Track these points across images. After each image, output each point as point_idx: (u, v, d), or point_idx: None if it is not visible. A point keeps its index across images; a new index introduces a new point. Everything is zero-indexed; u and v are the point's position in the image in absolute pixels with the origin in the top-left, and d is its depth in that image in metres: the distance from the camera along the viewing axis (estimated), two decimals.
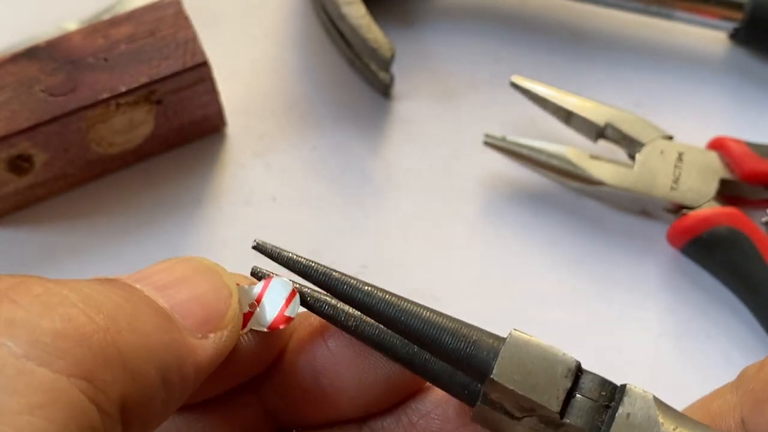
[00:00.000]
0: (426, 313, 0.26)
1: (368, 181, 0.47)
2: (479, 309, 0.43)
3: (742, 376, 0.27)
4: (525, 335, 0.25)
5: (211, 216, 0.45)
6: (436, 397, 0.28)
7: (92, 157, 0.44)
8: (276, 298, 0.28)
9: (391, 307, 0.26)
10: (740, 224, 0.42)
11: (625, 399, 0.24)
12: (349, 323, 0.27)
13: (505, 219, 0.46)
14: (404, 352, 0.27)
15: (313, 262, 0.28)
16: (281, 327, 0.27)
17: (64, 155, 0.43)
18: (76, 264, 0.44)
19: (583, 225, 0.46)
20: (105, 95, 0.41)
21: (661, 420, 0.23)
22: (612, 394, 0.24)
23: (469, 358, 0.25)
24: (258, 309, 0.28)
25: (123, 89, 0.41)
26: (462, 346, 0.25)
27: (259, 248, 0.29)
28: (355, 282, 0.27)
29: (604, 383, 0.24)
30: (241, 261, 0.46)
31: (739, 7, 0.48)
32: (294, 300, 0.28)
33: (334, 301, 0.28)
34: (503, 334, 0.26)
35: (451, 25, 0.52)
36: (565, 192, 0.47)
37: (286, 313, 0.28)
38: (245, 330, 0.27)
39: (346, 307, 0.27)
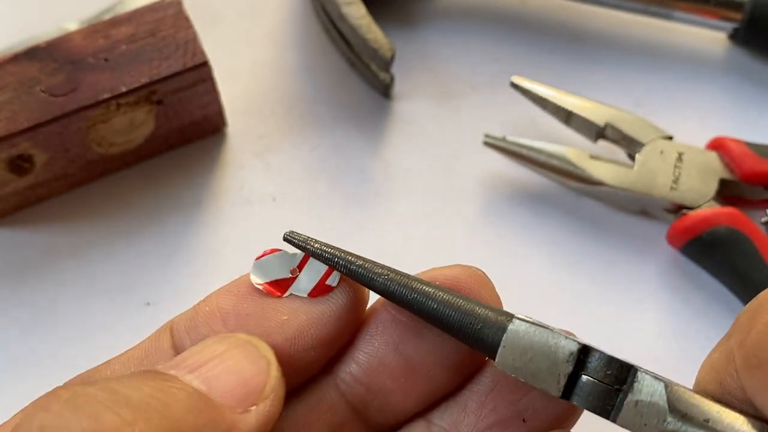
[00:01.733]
0: (440, 294, 0.27)
1: (368, 181, 0.47)
2: None
3: (735, 324, 0.27)
4: (527, 322, 0.26)
5: (211, 216, 0.46)
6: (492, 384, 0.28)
7: (93, 158, 0.44)
8: (317, 267, 0.29)
9: (408, 291, 0.27)
10: (740, 224, 0.42)
11: (635, 386, 0.24)
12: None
13: (505, 219, 0.46)
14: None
15: (336, 252, 0.29)
16: (322, 295, 0.28)
17: (64, 155, 0.43)
18: (76, 264, 0.44)
19: (583, 225, 0.46)
20: (105, 95, 0.41)
21: (669, 413, 0.24)
22: (622, 375, 0.24)
23: (478, 340, 0.26)
24: (299, 275, 0.29)
25: (123, 89, 0.41)
26: (471, 325, 0.26)
27: (289, 240, 0.29)
28: (375, 270, 0.28)
29: (611, 362, 0.25)
30: (242, 261, 0.47)
31: (738, 7, 0.48)
32: (333, 273, 0.29)
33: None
34: None
35: (451, 25, 0.52)
36: (565, 192, 0.47)
37: (327, 282, 0.29)
38: (285, 295, 0.28)
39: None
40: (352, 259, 0.28)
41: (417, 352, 0.28)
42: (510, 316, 0.26)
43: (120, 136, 0.44)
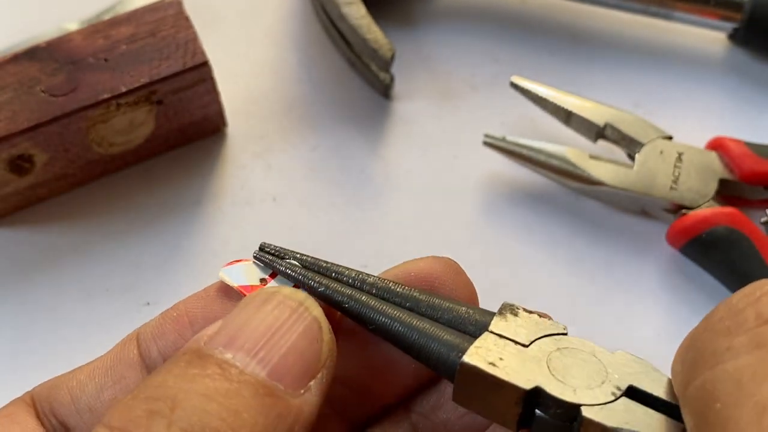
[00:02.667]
0: (404, 317, 0.27)
1: (368, 181, 0.47)
2: None
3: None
4: (475, 366, 0.25)
5: (211, 216, 0.46)
6: None
7: (93, 158, 0.44)
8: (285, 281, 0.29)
9: (372, 315, 0.27)
10: (739, 224, 0.42)
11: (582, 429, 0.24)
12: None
13: (505, 219, 0.46)
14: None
15: (302, 274, 0.28)
16: None
17: (64, 155, 0.43)
18: (77, 264, 0.44)
19: (583, 225, 0.46)
20: (105, 95, 0.41)
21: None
22: (571, 414, 0.24)
23: (438, 368, 0.26)
24: (270, 283, 0.29)
25: (123, 89, 0.41)
26: (427, 360, 0.26)
27: (258, 259, 0.29)
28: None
29: (559, 403, 0.24)
30: None
31: (738, 7, 0.48)
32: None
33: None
34: None
35: (451, 25, 0.52)
36: (564, 192, 0.47)
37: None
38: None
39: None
40: (315, 285, 0.28)
41: (386, 357, 0.28)
42: (463, 349, 0.25)
43: (120, 136, 0.44)
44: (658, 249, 0.45)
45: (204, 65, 0.43)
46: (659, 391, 0.25)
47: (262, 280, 0.28)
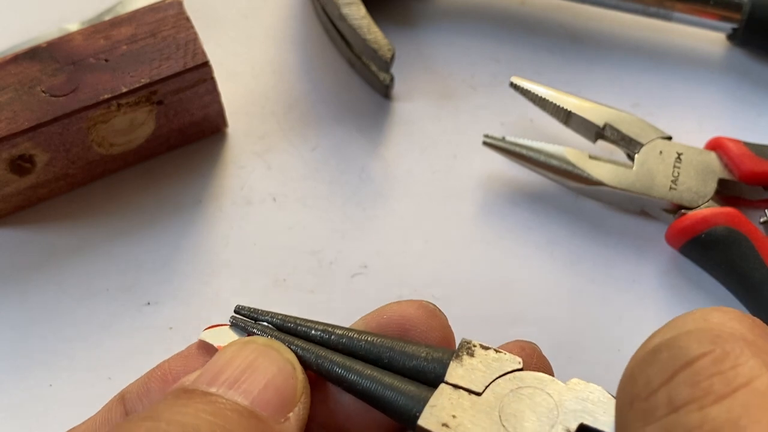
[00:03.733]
0: (367, 372, 0.28)
1: (368, 181, 0.47)
2: (479, 309, 0.44)
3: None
4: (428, 430, 0.26)
5: (211, 216, 0.46)
6: None
7: (93, 158, 0.44)
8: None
9: (343, 371, 0.29)
10: (739, 224, 0.42)
11: None
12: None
13: (504, 219, 0.46)
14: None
15: (274, 336, 0.30)
16: None
17: (65, 156, 0.43)
18: (77, 264, 0.44)
19: (582, 225, 0.46)
20: (106, 96, 0.41)
21: None
22: None
23: (401, 422, 0.27)
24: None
25: (124, 90, 0.41)
26: (393, 410, 0.27)
27: (234, 324, 0.31)
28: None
29: None
30: (242, 261, 0.47)
31: (737, 8, 0.48)
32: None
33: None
34: (502, 335, 0.26)
35: (451, 25, 0.52)
36: (564, 192, 0.47)
37: None
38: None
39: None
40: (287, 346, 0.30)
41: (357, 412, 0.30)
42: (420, 407, 0.27)
43: (120, 137, 0.44)
44: (658, 249, 0.45)
45: (204, 65, 0.43)
46: (610, 425, 0.25)
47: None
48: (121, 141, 0.44)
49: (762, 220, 0.45)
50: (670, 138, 0.45)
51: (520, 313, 0.44)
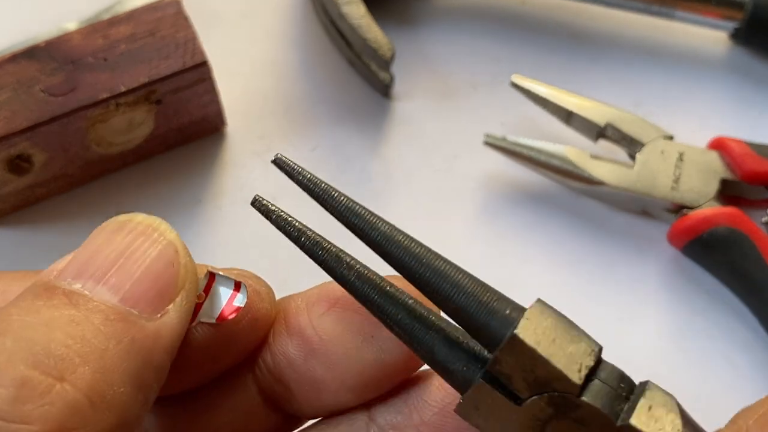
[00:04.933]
0: (445, 267, 0.25)
1: (368, 181, 0.47)
2: None
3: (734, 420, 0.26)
4: (550, 307, 0.24)
5: (211, 216, 0.45)
6: (447, 390, 0.27)
7: (92, 157, 0.44)
8: (223, 289, 0.27)
9: (409, 256, 0.26)
10: (741, 224, 0.42)
11: (648, 392, 0.23)
12: (349, 277, 0.26)
13: (505, 219, 0.46)
14: (404, 322, 0.25)
15: (333, 189, 0.27)
16: (230, 317, 0.27)
17: (63, 155, 0.43)
18: None
19: (583, 225, 0.46)
20: (105, 95, 0.41)
21: (680, 422, 0.23)
22: (631, 387, 0.24)
23: (487, 316, 0.24)
24: (206, 300, 0.27)
25: (123, 89, 0.41)
26: (479, 304, 0.24)
27: (279, 164, 0.27)
28: (373, 220, 0.26)
29: (624, 377, 0.24)
30: (242, 261, 0.46)
31: (739, 6, 0.48)
32: (241, 290, 0.28)
33: (335, 250, 0.27)
34: None
35: (451, 25, 0.52)
36: (565, 192, 0.47)
37: (235, 303, 0.27)
38: (194, 323, 0.26)
39: (348, 258, 0.27)
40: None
41: (330, 363, 0.27)
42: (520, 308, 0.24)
43: (119, 136, 0.44)
44: (659, 249, 0.45)
45: (203, 65, 0.42)
46: None
47: (199, 296, 0.27)
48: (119, 140, 0.44)
49: (764, 219, 0.44)
50: (671, 137, 0.45)
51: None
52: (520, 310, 0.24)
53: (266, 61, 0.50)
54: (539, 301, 0.24)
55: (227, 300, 0.27)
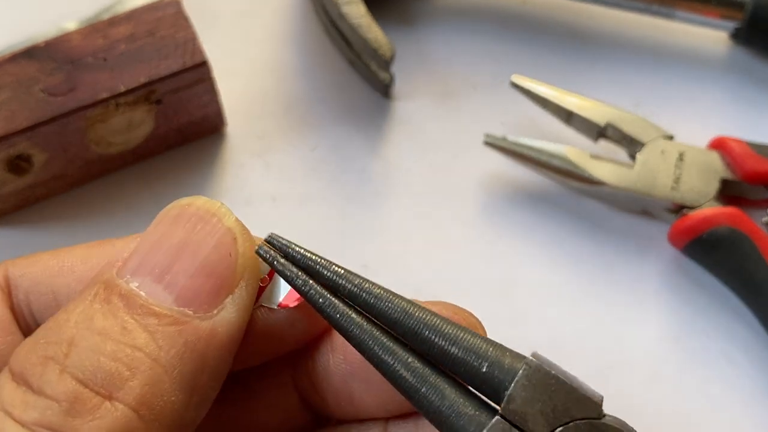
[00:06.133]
0: (443, 325, 0.24)
1: (368, 181, 0.47)
2: (479, 309, 0.43)
3: None
4: (546, 366, 0.23)
5: None
6: None
7: (92, 157, 0.44)
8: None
9: (404, 316, 0.24)
10: (741, 224, 0.42)
11: None
12: (354, 332, 0.25)
13: (505, 219, 0.46)
14: (406, 378, 0.24)
15: (322, 259, 0.26)
16: (292, 305, 0.26)
17: (63, 155, 0.43)
18: None
19: (584, 225, 0.46)
20: (104, 95, 0.41)
21: None
22: None
23: (490, 366, 0.23)
24: (269, 285, 0.26)
25: (122, 89, 0.41)
26: (478, 356, 0.23)
27: (271, 242, 0.26)
28: (366, 285, 0.25)
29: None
30: None
31: (740, 6, 0.48)
32: None
33: (342, 306, 0.25)
34: (502, 335, 0.26)
35: (451, 25, 0.52)
36: (565, 192, 0.46)
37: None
38: (255, 306, 0.26)
39: (353, 314, 0.25)
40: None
41: (368, 386, 0.27)
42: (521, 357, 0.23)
43: (119, 136, 0.44)
44: (660, 249, 0.45)
45: (203, 65, 0.42)
46: None
47: (263, 280, 0.27)
48: (119, 140, 0.44)
49: (764, 219, 0.44)
50: (672, 137, 0.45)
51: (520, 313, 0.43)
52: (521, 357, 0.24)
53: (266, 61, 0.50)
54: (535, 353, 0.24)
55: (291, 288, 0.26)
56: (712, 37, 0.51)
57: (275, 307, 0.26)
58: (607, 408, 0.23)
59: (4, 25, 0.50)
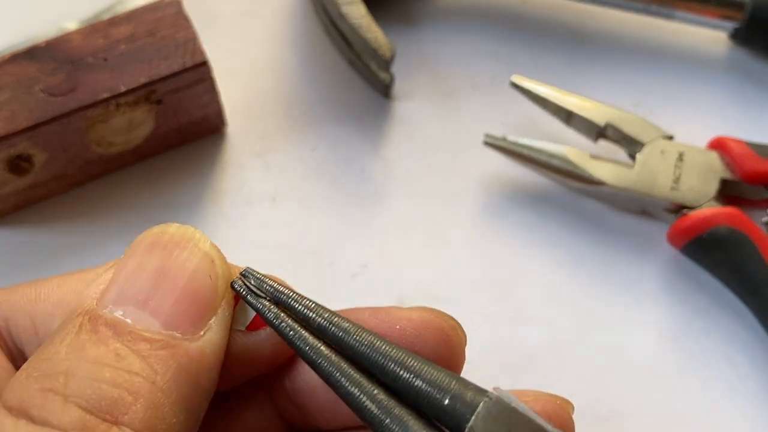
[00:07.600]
0: (407, 359, 0.24)
1: (368, 181, 0.47)
2: (479, 309, 0.43)
3: None
4: (507, 399, 0.23)
5: (211, 216, 0.45)
6: None
7: (92, 157, 0.44)
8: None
9: (371, 350, 0.25)
10: (741, 224, 0.42)
11: None
12: (323, 365, 0.25)
13: (505, 219, 0.46)
14: (371, 409, 0.24)
15: (294, 293, 0.26)
16: (262, 327, 0.27)
17: (63, 155, 0.43)
18: (75, 265, 0.43)
19: (583, 225, 0.46)
20: (105, 95, 0.41)
21: None
22: None
23: (451, 399, 0.23)
24: (237, 308, 0.27)
25: (123, 89, 0.41)
26: (440, 389, 0.24)
27: (246, 275, 0.27)
28: (335, 319, 0.26)
29: None
30: (242, 261, 0.46)
31: (739, 6, 0.48)
32: None
33: (311, 338, 0.26)
34: (502, 335, 0.26)
35: (451, 25, 0.52)
36: (565, 192, 0.47)
37: None
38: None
39: (322, 347, 0.25)
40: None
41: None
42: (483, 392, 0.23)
43: (119, 136, 0.44)
44: (659, 249, 0.45)
45: (203, 65, 0.42)
46: None
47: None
48: (119, 141, 0.44)
49: (764, 219, 0.44)
50: (671, 137, 0.45)
51: (520, 313, 0.43)
52: (483, 391, 0.24)
53: (266, 61, 0.50)
54: (497, 392, 0.24)
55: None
56: (711, 37, 0.51)
57: (243, 329, 0.27)
58: (607, 408, 0.23)
59: (4, 25, 0.50)
